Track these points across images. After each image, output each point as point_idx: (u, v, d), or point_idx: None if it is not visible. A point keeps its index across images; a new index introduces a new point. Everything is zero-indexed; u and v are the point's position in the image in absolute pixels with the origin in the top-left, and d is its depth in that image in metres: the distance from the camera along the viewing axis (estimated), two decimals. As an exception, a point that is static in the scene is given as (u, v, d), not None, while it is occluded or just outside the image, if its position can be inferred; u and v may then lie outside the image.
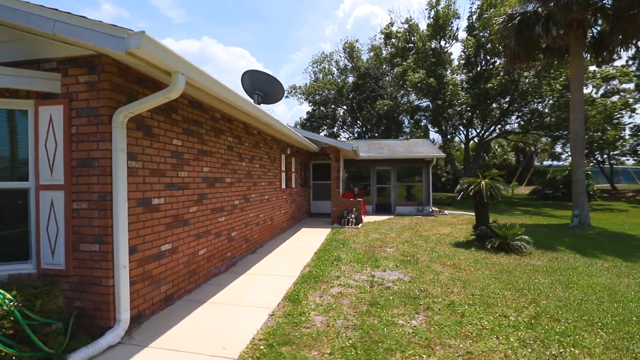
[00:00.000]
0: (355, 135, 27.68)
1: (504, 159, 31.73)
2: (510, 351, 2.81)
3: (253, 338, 2.99)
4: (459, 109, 17.49)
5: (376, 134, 24.93)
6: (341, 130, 28.77)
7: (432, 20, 19.04)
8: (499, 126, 21.28)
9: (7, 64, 2.98)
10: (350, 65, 25.16)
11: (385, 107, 20.72)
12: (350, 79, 25.43)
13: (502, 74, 15.94)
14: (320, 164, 12.90)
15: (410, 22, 20.79)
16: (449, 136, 21.24)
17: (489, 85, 16.12)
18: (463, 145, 23.69)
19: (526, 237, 6.86)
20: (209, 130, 4.69)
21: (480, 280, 4.76)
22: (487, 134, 21.78)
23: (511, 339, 3.00)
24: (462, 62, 19.37)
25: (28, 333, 2.17)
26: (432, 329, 3.21)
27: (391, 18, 23.02)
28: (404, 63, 18.89)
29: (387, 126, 23.59)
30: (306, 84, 25.98)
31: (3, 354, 2.04)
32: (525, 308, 3.75)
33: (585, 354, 2.78)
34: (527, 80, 15.96)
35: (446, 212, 13.75)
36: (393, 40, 21.58)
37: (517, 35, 9.07)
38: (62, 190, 2.95)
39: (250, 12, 76.44)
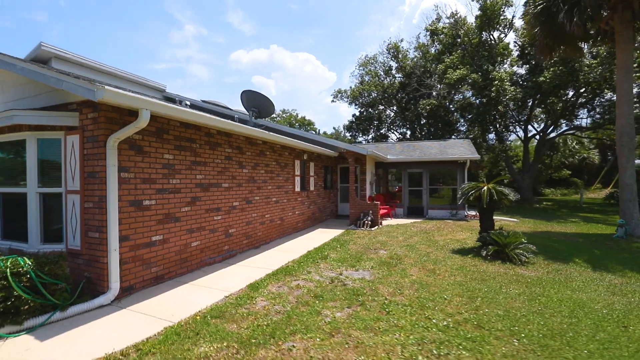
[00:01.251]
0: (400, 136, 27.09)
1: (584, 157, 27.51)
2: (399, 347, 3.10)
3: (199, 311, 3.81)
4: (510, 105, 15.97)
5: (422, 134, 24.09)
6: (390, 132, 28.43)
7: (479, 11, 17.75)
8: (565, 122, 18.74)
9: (48, 107, 4.34)
10: (396, 65, 24.73)
11: (428, 107, 19.96)
12: (396, 80, 25.01)
13: (557, 65, 14.08)
14: (346, 167, 13.35)
15: (456, 16, 19.62)
16: (502, 135, 19.49)
17: (541, 78, 14.41)
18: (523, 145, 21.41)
19: (531, 246, 6.46)
20: (203, 144, 5.70)
21: (442, 285, 4.85)
22: (550, 130, 19.38)
23: (411, 338, 3.26)
24: (517, 53, 17.57)
25: (38, 286, 3.34)
26: (349, 321, 3.63)
27: (437, 13, 21.82)
28: (446, 60, 17.98)
29: (434, 126, 22.63)
30: (351, 87, 26.35)
31: (22, 298, 3.22)
32: (460, 314, 3.86)
33: (472, 357, 2.94)
34: (592, 69, 13.86)
35: (482, 217, 12.91)
36: (441, 36, 20.64)
37: (542, 25, 8.31)
38: (79, 194, 4.19)
39: (313, 17, 79.35)
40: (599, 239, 8.61)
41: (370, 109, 27.32)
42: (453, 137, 25.10)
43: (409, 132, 26.07)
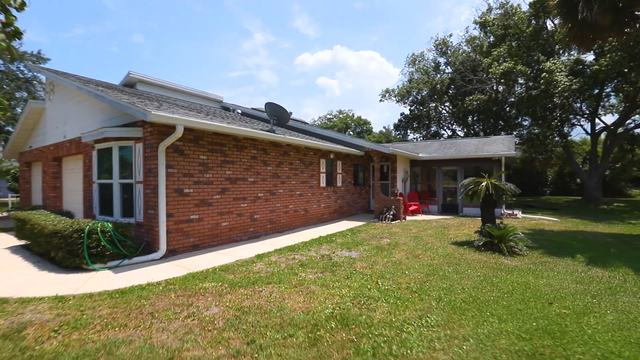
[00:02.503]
0: (450, 133, 26.12)
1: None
2: (337, 297, 4.13)
3: (213, 267, 5.33)
4: (565, 96, 14.59)
5: (474, 131, 23.02)
6: (442, 129, 27.63)
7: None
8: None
9: (124, 125, 6.34)
10: (445, 61, 24.00)
11: (475, 103, 19.15)
12: (446, 76, 24.29)
13: (615, 51, 12.43)
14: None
15: (506, 6, 18.42)
16: (556, 129, 17.75)
17: (595, 67, 12.92)
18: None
19: (526, 240, 6.65)
20: (231, 147, 7.32)
21: (413, 265, 5.61)
22: (628, 122, 17.04)
23: (351, 293, 4.25)
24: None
25: (115, 241, 5.21)
26: (314, 280, 4.75)
27: (489, 4, 20.47)
28: (493, 53, 17.11)
29: (485, 122, 21.52)
30: (398, 86, 26.36)
31: (106, 247, 5.10)
32: (407, 283, 4.66)
33: (388, 308, 3.84)
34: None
35: (519, 215, 12.45)
36: (492, 27, 19.60)
37: (565, 17, 8.04)
38: (142, 184, 6.08)
39: (378, 14, 79.00)
40: (631, 239, 7.99)
41: (420, 107, 27.00)
42: (511, 133, 23.50)
43: (460, 129, 25.09)
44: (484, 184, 7.19)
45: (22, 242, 7.20)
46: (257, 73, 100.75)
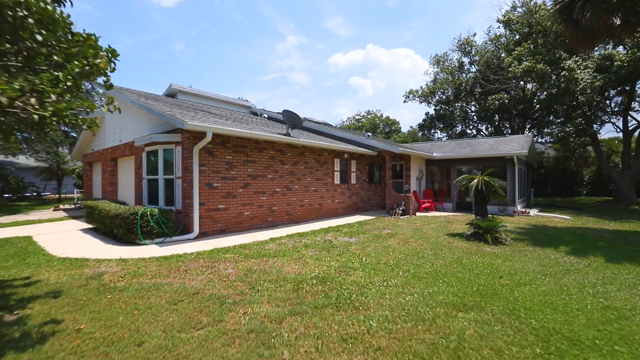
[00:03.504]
0: (474, 132, 25.81)
1: None
2: (325, 266, 5.21)
3: (234, 245, 6.64)
4: (586, 94, 14.28)
5: (499, 130, 22.72)
6: (468, 128, 27.40)
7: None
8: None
9: (167, 131, 7.88)
10: (469, 60, 23.83)
11: (497, 102, 19.05)
12: (471, 76, 24.14)
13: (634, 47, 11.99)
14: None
15: (529, 4, 18.11)
16: (581, 128, 17.21)
17: (617, 64, 12.59)
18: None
19: (512, 232, 7.26)
20: (252, 149, 8.65)
21: (399, 249, 6.52)
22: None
23: (336, 264, 5.30)
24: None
25: (160, 223, 6.70)
26: (310, 256, 5.86)
27: (514, 2, 20.02)
28: (514, 52, 17.01)
29: (510, 121, 21.20)
30: (421, 87, 26.55)
31: (153, 227, 6.60)
32: (387, 261, 5.61)
33: (363, 274, 4.85)
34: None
35: (532, 213, 12.62)
36: (516, 25, 19.37)
37: (566, 23, 8.41)
38: (180, 179, 7.57)
39: (413, 10, 77.52)
40: (630, 235, 8.18)
41: (445, 106, 27.02)
42: (541, 131, 22.92)
43: (484, 129, 24.76)
44: (475, 180, 7.86)
45: (90, 226, 9.06)
46: (290, 75, 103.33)
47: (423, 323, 3.21)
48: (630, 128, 17.53)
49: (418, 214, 12.70)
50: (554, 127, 22.16)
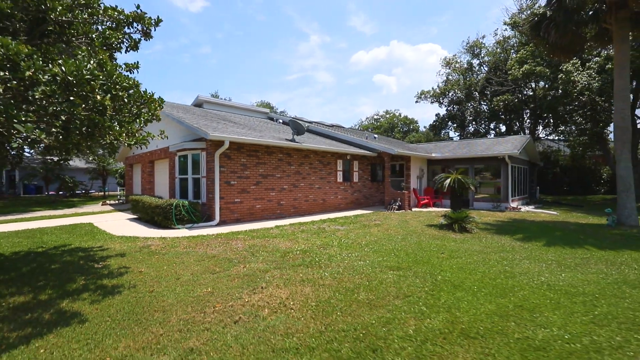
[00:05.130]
0: (482, 131, 26.26)
1: None
2: (311, 244, 6.82)
3: (246, 229, 8.41)
4: (585, 95, 14.77)
5: (512, 128, 23.17)
6: (479, 128, 27.88)
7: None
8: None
9: (195, 139, 9.83)
10: (478, 62, 24.39)
11: (502, 104, 19.66)
12: (481, 77, 24.70)
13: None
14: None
15: (533, 7, 18.55)
16: (583, 128, 17.52)
17: (608, 65, 13.02)
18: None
19: (479, 223, 8.50)
20: (263, 152, 10.42)
21: (377, 234, 8.00)
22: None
23: (320, 242, 6.90)
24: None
25: (190, 212, 8.62)
26: (302, 238, 7.49)
27: (521, 4, 20.37)
28: (514, 56, 17.63)
29: (516, 121, 21.66)
30: (432, 88, 27.32)
31: (184, 215, 8.52)
32: (364, 242, 7.13)
33: (339, 250, 6.42)
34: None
35: (523, 209, 13.52)
36: (521, 28, 19.88)
37: (538, 39, 9.45)
38: (205, 178, 9.48)
39: (438, 4, 76.04)
40: (592, 228, 9.11)
41: (457, 106, 27.67)
42: (555, 130, 23.14)
43: (493, 128, 25.18)
44: (449, 178, 9.16)
45: (135, 216, 11.23)
46: (313, 74, 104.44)
47: (360, 275, 4.76)
48: (638, 126, 17.63)
49: (415, 209, 13.97)
50: (565, 125, 22.38)
